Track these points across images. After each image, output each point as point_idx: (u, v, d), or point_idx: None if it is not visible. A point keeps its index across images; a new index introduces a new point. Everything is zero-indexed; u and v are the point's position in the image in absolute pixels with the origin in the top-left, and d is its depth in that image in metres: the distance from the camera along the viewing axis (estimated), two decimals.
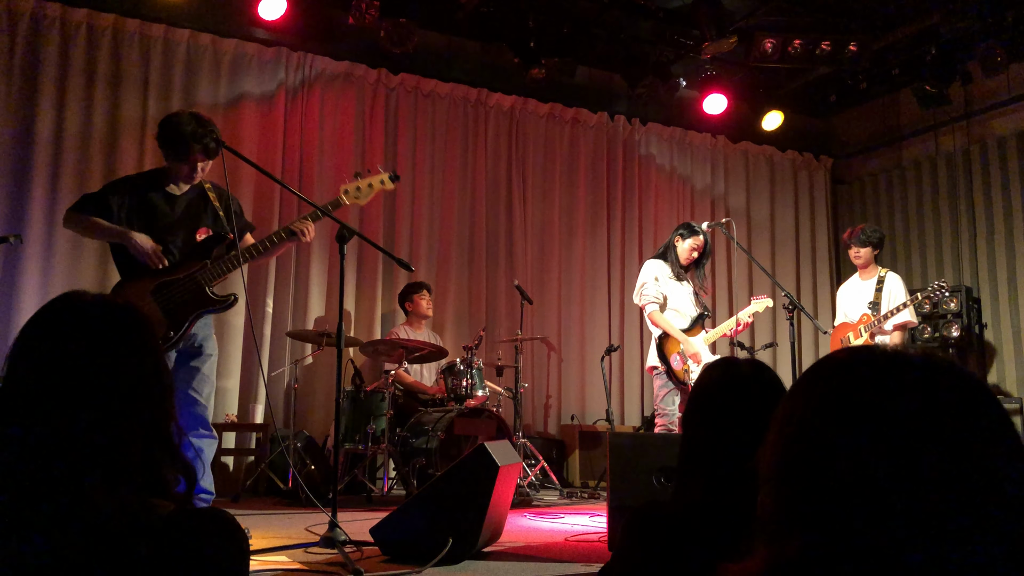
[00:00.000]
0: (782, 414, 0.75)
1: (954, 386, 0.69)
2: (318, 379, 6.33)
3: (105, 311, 1.17)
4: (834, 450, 0.68)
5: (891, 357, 0.71)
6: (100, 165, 5.83)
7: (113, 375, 1.12)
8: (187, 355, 3.70)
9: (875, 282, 5.62)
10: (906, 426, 0.66)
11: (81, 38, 5.87)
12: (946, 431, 0.66)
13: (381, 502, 5.14)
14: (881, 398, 0.68)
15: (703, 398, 1.75)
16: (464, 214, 7.15)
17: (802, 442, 0.71)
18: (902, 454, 0.65)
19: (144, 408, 1.14)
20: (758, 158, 8.65)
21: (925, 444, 0.65)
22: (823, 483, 0.68)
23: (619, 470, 3.55)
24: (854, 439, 0.67)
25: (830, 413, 0.70)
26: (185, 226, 3.77)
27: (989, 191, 7.48)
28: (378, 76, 6.87)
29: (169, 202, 3.75)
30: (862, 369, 0.71)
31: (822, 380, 0.73)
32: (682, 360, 4.92)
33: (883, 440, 0.66)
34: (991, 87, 7.35)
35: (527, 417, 7.05)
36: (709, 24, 6.34)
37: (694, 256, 5.13)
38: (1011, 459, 0.67)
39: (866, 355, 0.73)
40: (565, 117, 7.69)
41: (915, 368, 0.70)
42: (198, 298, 3.64)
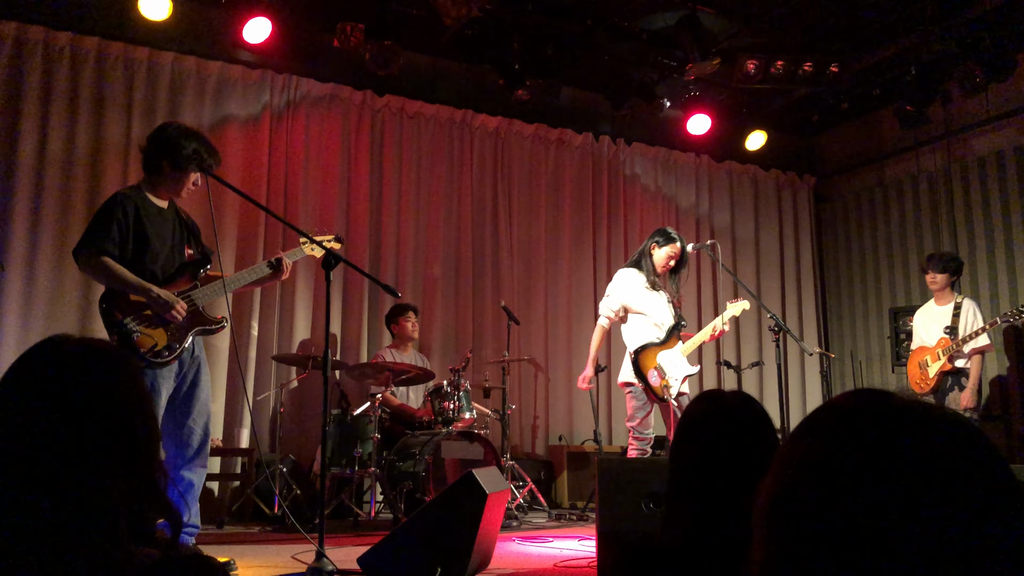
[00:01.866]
0: (783, 455, 0.75)
1: (961, 445, 0.69)
2: (304, 403, 6.30)
3: (89, 356, 1.16)
4: (834, 500, 0.68)
5: (900, 411, 0.71)
6: (83, 189, 5.80)
7: (98, 422, 1.11)
8: (186, 382, 3.63)
9: (952, 308, 5.75)
10: (909, 484, 0.66)
11: (64, 61, 5.85)
12: (951, 492, 0.66)
13: (368, 526, 5.10)
14: (883, 455, 0.68)
15: (690, 430, 1.75)
16: (450, 235, 7.15)
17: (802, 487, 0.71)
18: (903, 512, 0.65)
19: (129, 455, 1.13)
20: (742, 177, 8.71)
21: (928, 503, 0.65)
22: (819, 531, 0.68)
23: (607, 495, 3.53)
24: (855, 491, 0.67)
25: (833, 462, 0.70)
26: (176, 242, 3.73)
27: (969, 210, 7.56)
28: (363, 98, 6.88)
29: (160, 215, 3.69)
30: (868, 422, 0.71)
31: (825, 429, 0.73)
32: (660, 375, 4.76)
33: (883, 496, 0.66)
34: (970, 107, 7.45)
35: (515, 438, 7.03)
36: (692, 46, 6.39)
37: (671, 265, 4.99)
38: (1011, 521, 0.67)
39: (873, 407, 0.73)
40: (550, 138, 7.72)
41: (924, 425, 0.70)
42: (194, 317, 3.61)
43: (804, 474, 0.71)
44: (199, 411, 3.63)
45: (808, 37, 6.96)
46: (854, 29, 6.90)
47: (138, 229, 3.56)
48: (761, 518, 0.73)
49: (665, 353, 4.87)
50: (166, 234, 3.67)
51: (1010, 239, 7.22)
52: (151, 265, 3.57)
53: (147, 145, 3.68)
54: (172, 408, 3.56)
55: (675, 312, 5.01)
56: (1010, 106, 7.27)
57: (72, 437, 1.07)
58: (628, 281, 4.98)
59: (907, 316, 7.26)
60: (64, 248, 5.65)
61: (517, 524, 5.47)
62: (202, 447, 3.63)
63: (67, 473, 1.06)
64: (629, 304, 4.97)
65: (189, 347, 3.59)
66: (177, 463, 3.56)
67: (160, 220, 3.66)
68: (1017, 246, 7.16)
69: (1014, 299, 7.12)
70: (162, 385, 3.47)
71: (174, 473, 3.54)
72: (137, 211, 3.57)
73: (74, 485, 1.05)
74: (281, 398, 5.73)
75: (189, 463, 3.59)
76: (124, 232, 3.52)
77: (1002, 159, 7.35)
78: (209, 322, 3.67)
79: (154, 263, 3.58)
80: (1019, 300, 7.07)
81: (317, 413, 5.80)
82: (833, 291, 8.89)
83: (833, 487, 0.68)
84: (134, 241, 3.55)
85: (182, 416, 3.58)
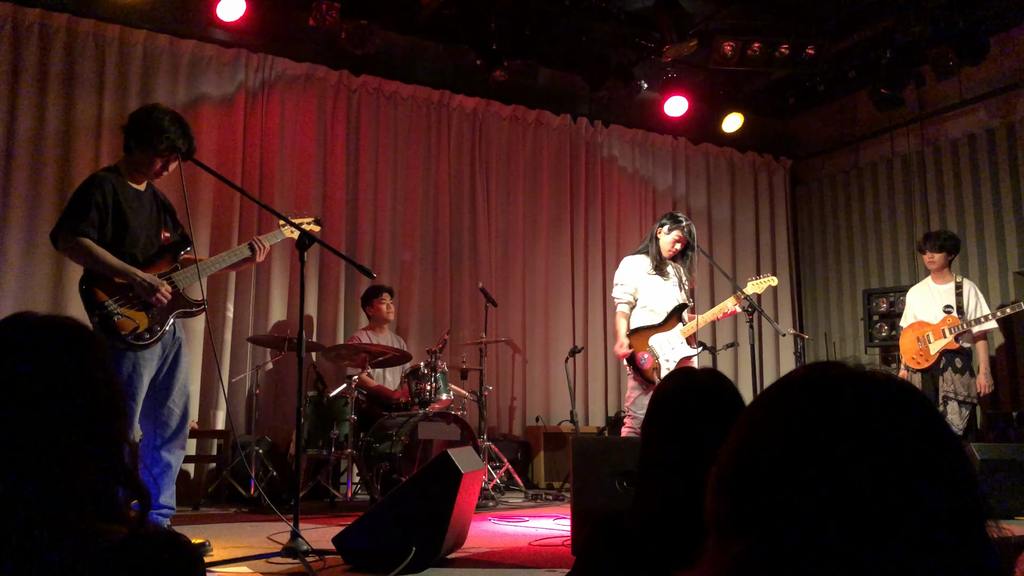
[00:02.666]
0: (740, 422, 0.77)
1: (903, 406, 0.71)
2: (280, 384, 6.28)
3: (55, 332, 1.15)
4: (784, 459, 0.70)
5: (855, 378, 0.73)
6: (53, 168, 5.71)
7: (65, 398, 1.10)
8: (166, 363, 3.61)
9: (953, 287, 5.77)
10: (852, 441, 0.68)
11: (33, 38, 5.75)
12: (888, 452, 0.68)
13: (345, 508, 5.11)
14: (833, 417, 0.70)
15: (661, 407, 1.77)
16: (427, 217, 7.13)
17: (754, 450, 0.73)
18: (846, 465, 0.68)
19: (96, 431, 1.12)
20: (719, 159, 8.75)
21: (868, 459, 0.68)
22: (769, 488, 0.70)
23: (582, 474, 3.57)
24: (804, 452, 0.69)
25: (785, 425, 0.72)
26: (153, 224, 3.70)
27: (942, 192, 7.65)
28: (339, 78, 6.82)
29: (138, 198, 3.66)
30: (810, 389, 0.73)
31: (782, 394, 0.75)
32: (650, 360, 4.83)
33: (824, 459, 0.68)
34: (943, 91, 7.51)
35: (492, 419, 7.05)
36: (669, 27, 6.39)
37: (677, 248, 5.01)
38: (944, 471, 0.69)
39: (817, 375, 0.75)
40: (528, 119, 7.70)
41: (872, 389, 0.72)
42: (175, 299, 3.58)
43: (753, 441, 0.73)
44: (178, 392, 3.62)
45: (784, 20, 6.97)
46: (830, 12, 6.92)
47: (117, 211, 3.53)
48: (713, 488, 0.75)
49: (660, 335, 4.89)
50: (144, 216, 3.64)
51: (981, 222, 7.32)
52: (130, 248, 3.55)
53: (127, 126, 3.64)
54: (152, 390, 3.54)
55: (684, 295, 5.05)
56: (982, 89, 7.34)
57: (37, 411, 1.07)
58: (632, 268, 5.05)
59: (880, 298, 7.35)
60: (34, 228, 5.58)
61: (493, 504, 5.50)
62: (180, 428, 3.62)
63: (32, 448, 1.05)
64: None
65: (170, 329, 3.57)
66: (155, 443, 3.54)
67: (138, 202, 3.63)
68: (987, 228, 7.26)
69: (984, 280, 7.22)
70: (144, 368, 3.45)
71: (153, 454, 3.52)
72: (115, 193, 3.54)
73: (39, 460, 1.05)
74: (257, 380, 5.71)
75: (167, 444, 3.57)
76: (103, 215, 3.49)
77: (974, 142, 7.43)
78: (190, 304, 3.65)
79: (133, 246, 3.56)
80: (989, 281, 7.18)
81: (293, 395, 5.78)
82: (808, 272, 8.97)
83: (779, 452, 0.70)
84: (113, 224, 3.52)
85: (161, 397, 3.56)
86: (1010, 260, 7.10)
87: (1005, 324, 7.02)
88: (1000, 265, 7.15)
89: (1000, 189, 7.19)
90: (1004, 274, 7.12)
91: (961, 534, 0.67)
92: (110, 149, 5.74)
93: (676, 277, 5.06)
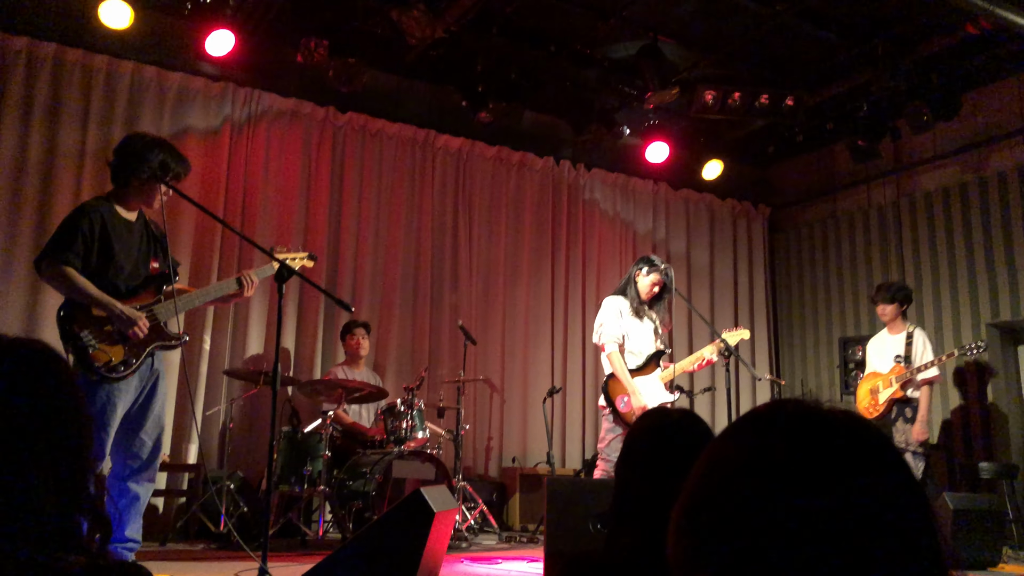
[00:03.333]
0: (700, 460, 0.78)
1: (861, 445, 0.72)
2: (254, 419, 6.20)
3: (22, 355, 1.14)
4: (743, 496, 0.70)
5: (811, 416, 0.74)
6: (33, 196, 5.69)
7: (27, 421, 1.09)
8: (142, 395, 3.57)
9: (904, 336, 5.90)
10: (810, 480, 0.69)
11: (20, 66, 5.76)
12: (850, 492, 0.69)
13: (316, 546, 5.03)
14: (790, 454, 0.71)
15: (634, 446, 1.77)
16: (409, 254, 7.14)
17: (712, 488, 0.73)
18: (804, 510, 0.68)
19: (58, 457, 1.11)
20: (699, 205, 8.86)
21: (826, 498, 0.68)
22: (727, 527, 0.70)
23: (556, 515, 3.54)
24: (763, 489, 0.70)
25: (742, 463, 0.72)
26: (141, 256, 3.68)
27: (917, 243, 7.77)
28: (325, 114, 6.87)
29: (128, 228, 3.65)
30: (777, 424, 0.74)
31: (740, 431, 0.76)
32: (629, 403, 4.77)
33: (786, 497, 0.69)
34: (919, 144, 7.69)
35: (468, 459, 7.00)
36: (652, 75, 6.51)
37: (655, 291, 5.00)
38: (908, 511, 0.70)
39: (775, 412, 0.76)
40: (512, 160, 7.78)
41: (830, 428, 0.73)
42: (156, 331, 3.56)
43: (710, 480, 0.73)
44: (152, 423, 3.58)
45: (765, 71, 7.14)
46: (809, 65, 7.10)
47: (103, 241, 3.53)
48: (674, 521, 0.75)
49: (640, 379, 4.87)
50: (132, 247, 3.63)
51: (955, 273, 7.43)
52: (114, 278, 3.53)
53: (114, 157, 3.65)
54: (126, 420, 3.50)
55: (660, 339, 5.03)
56: (956, 145, 7.51)
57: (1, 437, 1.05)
58: (617, 307, 4.98)
59: (856, 346, 7.42)
60: (11, 255, 5.53)
61: (467, 545, 5.43)
62: (151, 461, 3.57)
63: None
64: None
65: (148, 361, 3.54)
66: (124, 474, 3.49)
67: (127, 233, 3.62)
68: (960, 280, 7.37)
69: (956, 331, 7.31)
70: (118, 399, 3.41)
71: (120, 485, 3.47)
72: (104, 223, 3.54)
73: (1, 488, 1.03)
74: (231, 413, 5.64)
75: (136, 475, 3.52)
76: (88, 244, 3.49)
77: (948, 195, 7.58)
78: (169, 337, 3.62)
79: (117, 276, 3.54)
80: (962, 332, 7.27)
81: (267, 429, 5.71)
82: (785, 319, 9.05)
83: (736, 491, 0.70)
84: (98, 253, 3.51)
85: (134, 428, 3.52)
86: (983, 312, 7.20)
87: (965, 373, 7.10)
88: (973, 316, 7.25)
89: (973, 242, 7.33)
90: (977, 326, 7.21)
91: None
92: (92, 179, 5.72)
93: (651, 321, 5.07)
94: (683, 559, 0.74)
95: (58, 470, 1.09)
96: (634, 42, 6.57)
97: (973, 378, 7.17)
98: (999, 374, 7.11)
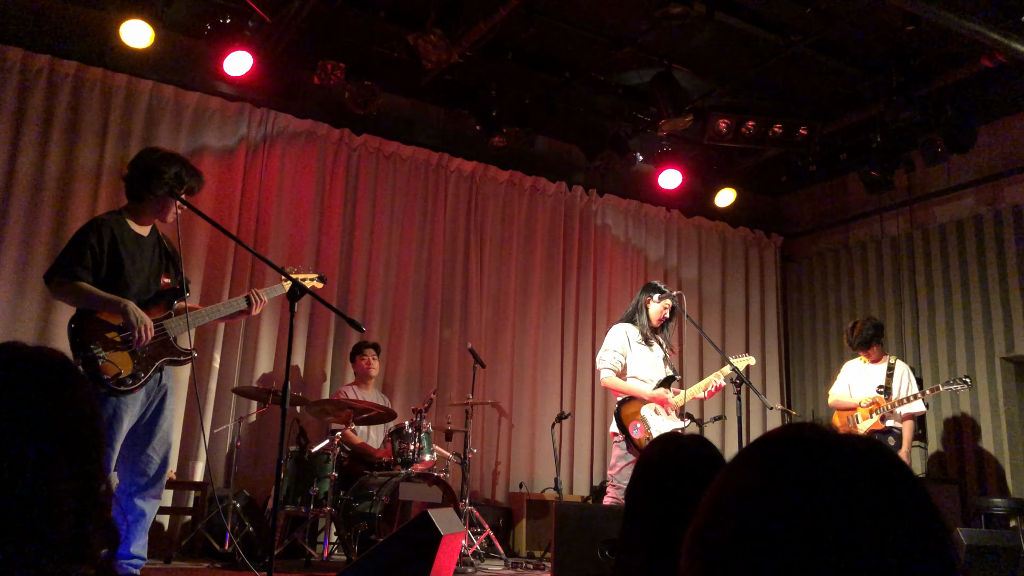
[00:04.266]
0: (714, 484, 0.77)
1: (884, 476, 0.71)
2: (262, 438, 6.19)
3: (41, 365, 1.14)
4: (757, 521, 0.69)
5: (827, 441, 0.73)
6: (50, 212, 5.74)
7: (44, 432, 1.08)
8: (149, 410, 3.57)
9: (885, 368, 5.95)
10: (827, 510, 0.68)
11: (41, 84, 5.84)
12: (867, 518, 0.68)
13: (320, 567, 4.99)
14: (806, 482, 0.70)
15: (645, 472, 1.76)
16: (420, 276, 7.15)
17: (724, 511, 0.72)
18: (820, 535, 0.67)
19: (74, 469, 1.10)
20: (711, 233, 8.85)
21: (845, 529, 0.67)
22: (739, 550, 0.69)
23: (564, 541, 3.51)
24: (778, 514, 0.69)
25: (759, 487, 0.71)
26: (152, 271, 3.69)
27: (930, 275, 7.73)
28: (340, 136, 6.93)
29: (139, 243, 3.67)
30: (796, 450, 0.73)
31: (754, 455, 0.75)
32: (643, 429, 4.75)
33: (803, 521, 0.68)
34: (932, 176, 7.67)
35: (475, 483, 6.96)
36: (666, 102, 6.54)
37: (666, 316, 5.04)
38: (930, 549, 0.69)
39: (804, 435, 0.75)
40: (524, 185, 7.81)
41: (850, 456, 0.72)
42: (165, 346, 3.56)
43: (727, 501, 0.72)
44: (159, 440, 3.57)
45: (779, 101, 7.16)
46: (823, 95, 7.12)
47: (112, 256, 3.54)
48: (688, 544, 0.74)
49: (651, 406, 4.86)
50: (142, 262, 3.64)
51: (968, 307, 7.38)
52: (123, 293, 3.54)
53: (128, 171, 3.67)
54: (133, 435, 3.50)
55: (669, 365, 5.04)
56: (970, 177, 7.50)
57: (16, 445, 1.05)
58: (624, 336, 5.00)
59: None
60: (26, 271, 5.57)
61: (472, 571, 5.38)
62: (158, 477, 3.56)
63: (7, 482, 1.03)
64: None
65: (156, 376, 3.55)
66: (130, 491, 3.49)
67: (137, 248, 3.63)
68: (975, 313, 7.32)
69: (970, 365, 7.25)
70: (125, 413, 3.41)
71: (127, 501, 3.46)
72: (113, 237, 3.56)
73: (13, 496, 1.03)
74: (239, 432, 5.63)
75: (142, 491, 3.51)
76: (98, 258, 3.51)
77: (962, 228, 7.54)
78: (179, 353, 3.63)
79: (126, 291, 3.55)
80: (975, 366, 7.21)
81: (275, 448, 5.71)
82: (796, 349, 9.00)
83: (749, 514, 0.70)
84: (108, 268, 3.53)
85: (142, 444, 3.52)
86: (996, 345, 7.14)
87: (979, 407, 7.02)
88: (987, 350, 7.19)
89: (987, 275, 7.28)
90: (991, 360, 7.15)
91: None
92: (109, 195, 5.78)
93: (660, 348, 5.07)
94: None
95: (72, 480, 1.09)
96: (648, 69, 6.61)
97: (987, 412, 7.10)
98: (1013, 408, 7.04)
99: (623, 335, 5.01)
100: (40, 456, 1.06)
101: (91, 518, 1.12)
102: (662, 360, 5.03)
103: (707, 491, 0.77)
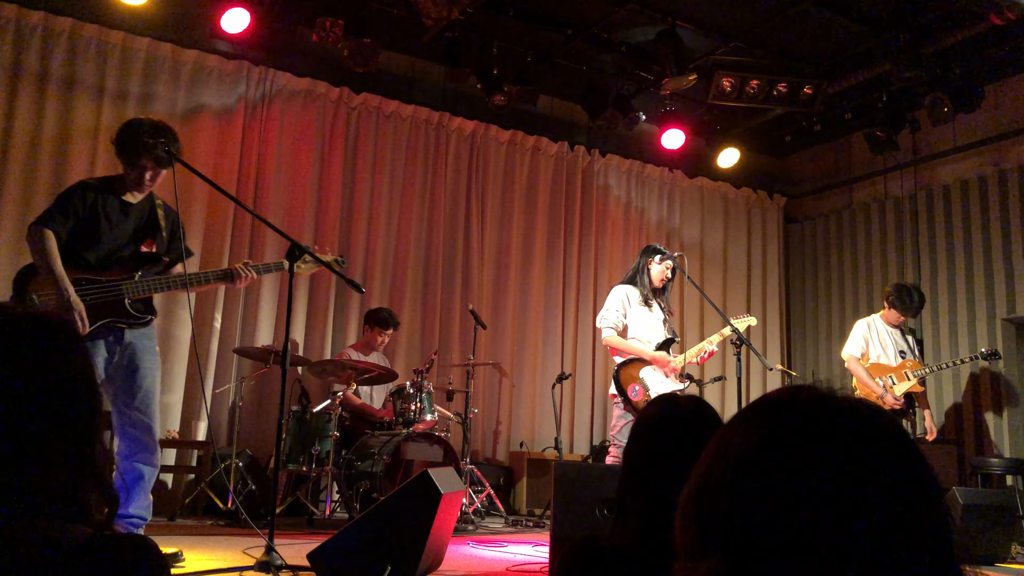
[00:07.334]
0: (709, 446, 0.77)
1: (880, 439, 0.71)
2: (264, 398, 6.23)
3: (33, 324, 1.13)
4: (752, 482, 0.69)
5: (825, 403, 0.73)
6: (48, 171, 5.71)
7: (37, 390, 1.08)
8: (120, 372, 3.56)
9: (900, 331, 5.92)
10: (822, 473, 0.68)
11: (36, 41, 5.76)
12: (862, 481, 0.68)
13: (323, 525, 5.05)
14: (802, 445, 0.70)
15: (643, 432, 1.76)
16: (421, 236, 7.13)
17: (720, 472, 0.73)
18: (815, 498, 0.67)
19: (71, 430, 1.10)
20: (713, 194, 8.80)
21: (840, 492, 0.67)
22: (733, 510, 0.69)
23: (563, 500, 3.54)
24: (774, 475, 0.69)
25: (756, 448, 0.71)
26: (134, 236, 3.69)
27: (934, 235, 7.70)
28: (340, 95, 6.85)
29: (124, 210, 3.67)
30: (792, 413, 0.73)
31: (750, 417, 0.75)
32: (641, 392, 4.76)
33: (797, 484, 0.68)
34: (938, 136, 7.59)
35: (476, 443, 7.01)
36: (670, 60, 6.44)
37: (667, 277, 5.02)
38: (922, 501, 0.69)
39: (801, 397, 0.74)
40: (526, 145, 7.74)
41: (845, 416, 0.72)
42: (112, 306, 3.53)
43: (722, 463, 0.72)
44: (141, 400, 3.56)
45: (784, 59, 7.06)
46: (829, 54, 7.02)
47: (90, 218, 3.57)
48: (682, 505, 0.74)
49: (650, 368, 4.87)
50: (123, 228, 3.65)
51: (970, 268, 7.36)
52: (85, 251, 3.55)
53: (114, 145, 3.68)
54: (113, 399, 3.52)
55: (669, 327, 5.03)
56: (976, 137, 7.42)
57: (11, 408, 1.05)
58: (625, 296, 4.99)
59: None
60: (23, 228, 5.53)
61: (473, 528, 5.45)
62: (149, 436, 3.56)
63: (4, 446, 1.03)
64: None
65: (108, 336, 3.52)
66: (124, 453, 3.50)
67: (120, 215, 3.64)
68: (977, 274, 7.30)
69: (972, 326, 7.25)
70: None
71: (123, 463, 3.48)
72: (95, 201, 3.58)
73: (6, 455, 1.03)
74: (241, 392, 5.66)
75: (136, 453, 3.53)
76: (77, 216, 3.54)
77: (966, 188, 7.49)
78: (127, 315, 3.57)
79: (89, 250, 3.55)
80: (976, 328, 7.21)
81: (276, 408, 5.73)
82: (798, 310, 9.00)
83: (744, 474, 0.70)
84: (83, 226, 3.55)
85: (125, 406, 3.53)
86: (998, 306, 7.13)
87: (977, 368, 7.05)
88: (988, 311, 7.19)
89: (991, 236, 7.25)
90: (992, 320, 7.15)
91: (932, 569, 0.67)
92: (106, 155, 5.72)
93: (660, 310, 5.07)
94: (689, 544, 0.73)
95: (67, 442, 1.09)
96: (652, 27, 6.50)
97: (986, 373, 7.12)
98: (1012, 369, 7.05)
99: (623, 296, 5.01)
100: (34, 419, 1.06)
101: (86, 479, 1.12)
102: (661, 322, 5.03)
103: (703, 453, 0.77)
